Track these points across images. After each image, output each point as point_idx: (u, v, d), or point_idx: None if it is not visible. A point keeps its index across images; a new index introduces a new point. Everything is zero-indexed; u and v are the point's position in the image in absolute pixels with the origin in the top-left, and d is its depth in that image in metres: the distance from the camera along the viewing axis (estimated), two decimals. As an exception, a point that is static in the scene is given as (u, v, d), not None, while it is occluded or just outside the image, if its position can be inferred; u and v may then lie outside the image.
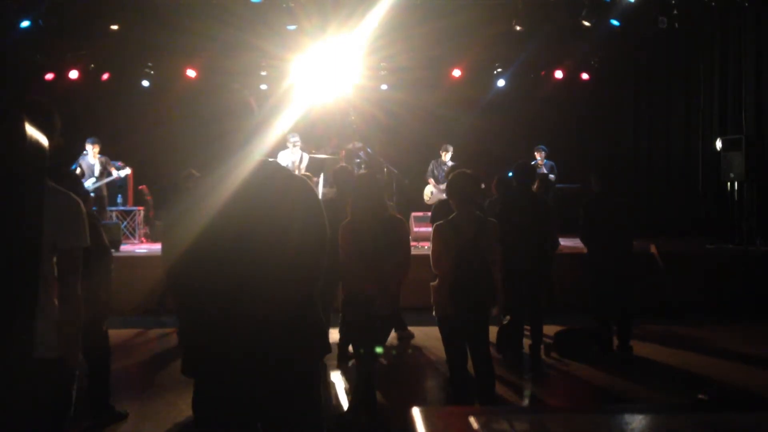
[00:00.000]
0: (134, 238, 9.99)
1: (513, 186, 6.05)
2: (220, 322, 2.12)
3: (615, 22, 10.46)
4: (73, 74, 11.49)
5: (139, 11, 10.12)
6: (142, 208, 10.33)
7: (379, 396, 4.57)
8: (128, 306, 7.18)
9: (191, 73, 11.88)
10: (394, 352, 6.26)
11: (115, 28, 10.28)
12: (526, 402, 5.01)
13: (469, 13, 10.15)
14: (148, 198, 10.63)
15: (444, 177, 9.63)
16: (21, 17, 9.70)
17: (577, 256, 7.65)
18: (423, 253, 5.85)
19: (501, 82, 12.52)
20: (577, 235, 6.32)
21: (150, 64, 11.85)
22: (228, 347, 2.12)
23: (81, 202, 2.43)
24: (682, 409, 1.16)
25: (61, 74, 11.45)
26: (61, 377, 2.32)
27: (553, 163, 10.74)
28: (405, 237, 4.50)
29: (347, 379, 5.33)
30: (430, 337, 6.24)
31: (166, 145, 10.92)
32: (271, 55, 11.05)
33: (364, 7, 9.41)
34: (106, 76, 11.90)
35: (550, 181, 7.36)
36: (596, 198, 6.08)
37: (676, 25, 10.13)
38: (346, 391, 5.08)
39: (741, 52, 10.47)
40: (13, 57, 10.35)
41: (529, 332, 5.81)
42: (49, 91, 11.02)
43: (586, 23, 10.17)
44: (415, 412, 1.08)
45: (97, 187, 9.29)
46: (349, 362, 5.46)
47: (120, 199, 10.31)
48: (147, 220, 10.39)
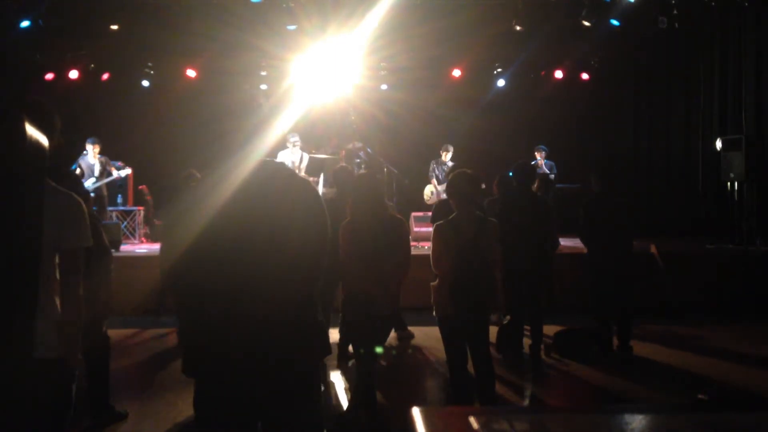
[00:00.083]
0: (134, 238, 9.99)
1: (513, 186, 6.06)
2: (220, 322, 2.12)
3: (615, 22, 10.46)
4: (73, 74, 11.49)
5: (139, 11, 10.12)
6: (142, 208, 10.33)
7: (379, 396, 4.56)
8: (128, 306, 7.18)
9: (191, 73, 11.88)
10: (394, 352, 6.26)
11: (115, 28, 10.29)
12: (526, 402, 5.01)
13: (469, 13, 10.15)
14: (148, 198, 10.63)
15: (445, 177, 9.63)
16: (21, 17, 9.70)
17: (577, 256, 7.66)
18: (423, 253, 5.85)
19: (501, 82, 12.51)
20: (577, 235, 6.32)
21: (150, 64, 11.85)
22: (228, 347, 2.12)
23: (82, 202, 2.42)
24: (682, 409, 1.16)
25: (61, 74, 11.45)
26: (61, 377, 2.32)
27: (553, 163, 10.74)
28: (405, 237, 4.50)
29: (347, 379, 5.33)
30: (430, 337, 6.24)
31: (166, 145, 10.94)
32: (271, 55, 11.04)
33: (364, 7, 9.41)
34: (106, 76, 11.89)
35: (550, 181, 7.36)
36: (596, 198, 6.08)
37: (676, 25, 10.13)
38: (346, 391, 5.08)
39: (741, 52, 10.47)
40: (13, 57, 10.36)
41: (529, 332, 5.82)
42: (49, 91, 11.02)
43: (586, 23, 10.17)
44: (415, 412, 1.08)
45: (97, 187, 9.29)
46: (349, 362, 5.45)
47: (120, 199, 10.30)
48: (147, 220, 10.39)
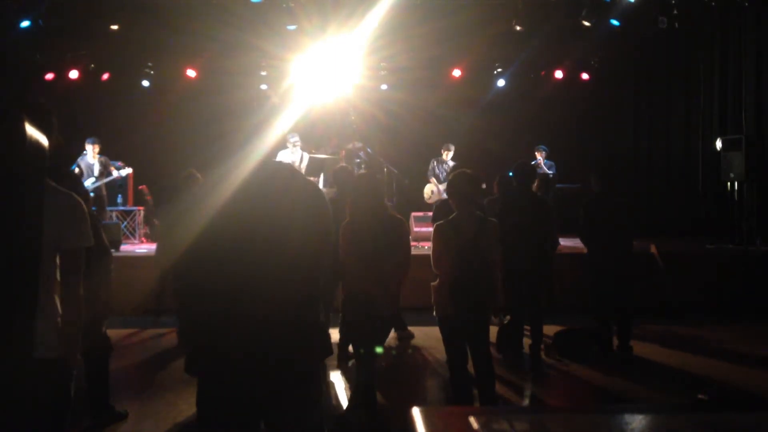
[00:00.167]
0: (134, 238, 9.99)
1: (513, 186, 6.05)
2: (221, 321, 2.12)
3: (615, 22, 10.46)
4: (73, 74, 11.49)
5: (139, 11, 10.12)
6: (142, 208, 10.33)
7: (379, 396, 4.56)
8: (128, 306, 7.17)
9: (191, 73, 11.88)
10: (394, 352, 6.26)
11: (115, 28, 10.29)
12: (526, 402, 5.01)
13: (469, 13, 10.15)
14: (148, 198, 10.63)
15: (446, 177, 9.63)
16: (21, 17, 9.70)
17: (577, 256, 7.65)
18: (423, 253, 5.85)
19: (501, 82, 12.51)
20: (577, 235, 6.32)
21: (150, 64, 11.85)
22: (228, 347, 2.12)
23: (82, 202, 2.42)
24: (682, 409, 1.16)
25: (61, 74, 11.45)
26: (61, 377, 2.32)
27: (553, 162, 10.73)
28: (405, 237, 4.50)
29: (347, 379, 5.33)
30: (430, 337, 6.24)
31: (166, 145, 10.93)
32: (271, 55, 11.04)
33: (364, 7, 9.41)
34: (106, 76, 11.89)
35: (550, 181, 7.36)
36: (596, 198, 6.08)
37: (676, 25, 10.13)
38: (346, 391, 5.08)
39: (741, 52, 10.47)
40: (13, 57, 10.35)
41: (529, 332, 5.82)
42: (49, 91, 11.01)
43: (586, 23, 10.17)
44: (415, 412, 1.08)
45: (96, 187, 9.29)
46: (349, 362, 5.46)
47: (120, 199, 10.30)
48: (147, 220, 10.39)
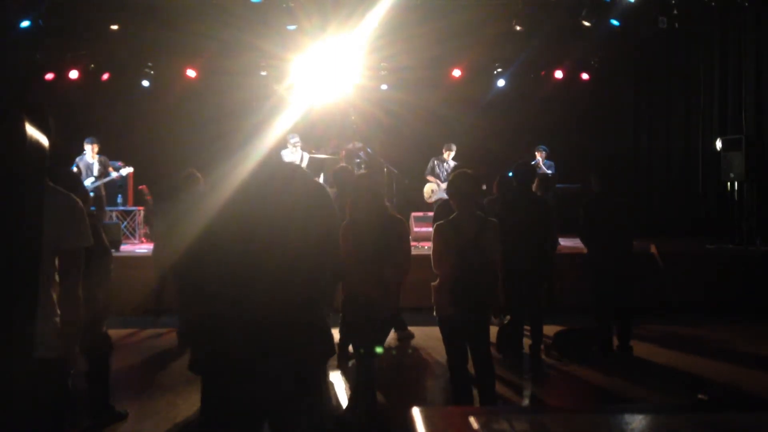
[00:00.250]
0: (134, 238, 9.99)
1: (513, 186, 6.05)
2: (223, 322, 2.13)
3: (615, 22, 10.45)
4: (73, 74, 11.48)
5: (139, 11, 10.12)
6: (142, 208, 10.32)
7: (379, 396, 4.56)
8: (128, 306, 7.18)
9: (191, 73, 11.87)
10: (394, 352, 6.26)
11: (115, 28, 10.28)
12: (526, 402, 5.01)
13: (469, 13, 10.14)
14: (148, 198, 10.61)
15: (447, 177, 9.63)
16: (21, 17, 9.70)
17: (577, 256, 7.65)
18: (423, 253, 5.85)
19: (501, 82, 12.50)
20: (577, 235, 6.32)
21: (150, 64, 11.84)
22: (230, 347, 2.12)
23: (80, 202, 2.42)
24: (682, 409, 1.16)
25: (61, 74, 11.44)
26: (60, 377, 2.32)
27: (552, 162, 10.73)
28: (405, 237, 4.49)
29: (347, 379, 5.33)
30: (430, 337, 6.23)
31: (166, 145, 10.93)
32: (271, 55, 11.04)
33: (364, 7, 9.41)
34: (106, 76, 11.88)
35: (550, 181, 7.36)
36: (596, 198, 6.08)
37: (676, 25, 10.12)
38: (346, 391, 5.08)
39: (741, 52, 10.46)
40: (13, 57, 10.35)
41: (529, 332, 5.82)
42: (49, 91, 11.02)
43: (586, 23, 10.17)
44: (415, 412, 1.08)
45: (95, 187, 9.29)
46: (349, 362, 5.45)
47: (120, 199, 10.30)
48: (147, 220, 10.37)
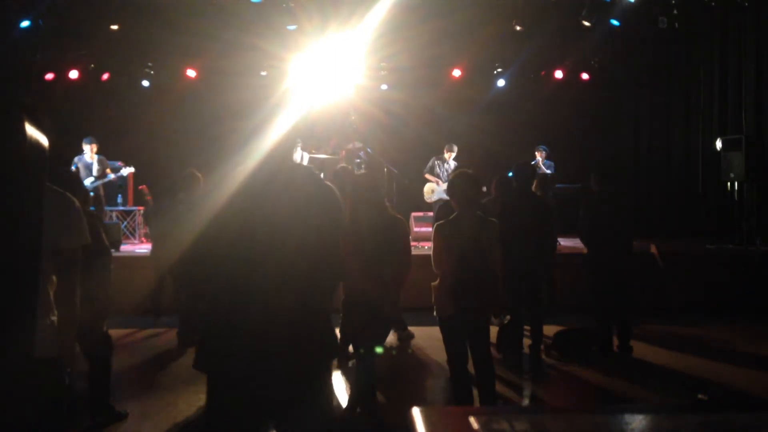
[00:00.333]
0: (134, 238, 9.99)
1: (513, 186, 6.05)
2: (227, 322, 2.13)
3: (615, 22, 10.45)
4: (73, 74, 11.48)
5: (139, 11, 10.12)
6: (142, 208, 10.32)
7: (379, 396, 4.56)
8: (128, 306, 7.18)
9: (191, 73, 11.87)
10: (394, 352, 6.26)
11: (115, 28, 10.28)
12: (526, 402, 5.01)
13: (469, 13, 10.14)
14: (148, 198, 10.61)
15: (447, 177, 9.62)
16: (21, 17, 9.70)
17: (577, 256, 7.64)
18: (423, 253, 5.85)
19: (501, 82, 12.50)
20: (577, 235, 6.32)
21: (150, 64, 11.84)
22: (234, 347, 2.13)
23: (76, 201, 2.43)
24: (682, 409, 1.16)
25: (61, 74, 11.44)
26: (58, 376, 2.33)
27: (552, 163, 10.73)
28: (405, 237, 4.50)
29: (347, 379, 5.33)
30: (430, 337, 6.23)
31: (166, 145, 10.94)
32: (271, 55, 11.03)
33: (364, 7, 9.41)
34: (106, 76, 11.88)
35: (550, 181, 7.36)
36: (596, 198, 6.08)
37: (676, 25, 10.13)
38: (346, 391, 5.08)
39: (741, 52, 10.46)
40: (13, 57, 10.35)
41: (529, 332, 5.81)
42: (49, 91, 11.01)
43: (586, 23, 10.17)
44: (415, 412, 1.08)
45: (94, 187, 9.29)
46: (349, 362, 5.45)
47: (120, 199, 10.30)
48: (147, 220, 10.38)
